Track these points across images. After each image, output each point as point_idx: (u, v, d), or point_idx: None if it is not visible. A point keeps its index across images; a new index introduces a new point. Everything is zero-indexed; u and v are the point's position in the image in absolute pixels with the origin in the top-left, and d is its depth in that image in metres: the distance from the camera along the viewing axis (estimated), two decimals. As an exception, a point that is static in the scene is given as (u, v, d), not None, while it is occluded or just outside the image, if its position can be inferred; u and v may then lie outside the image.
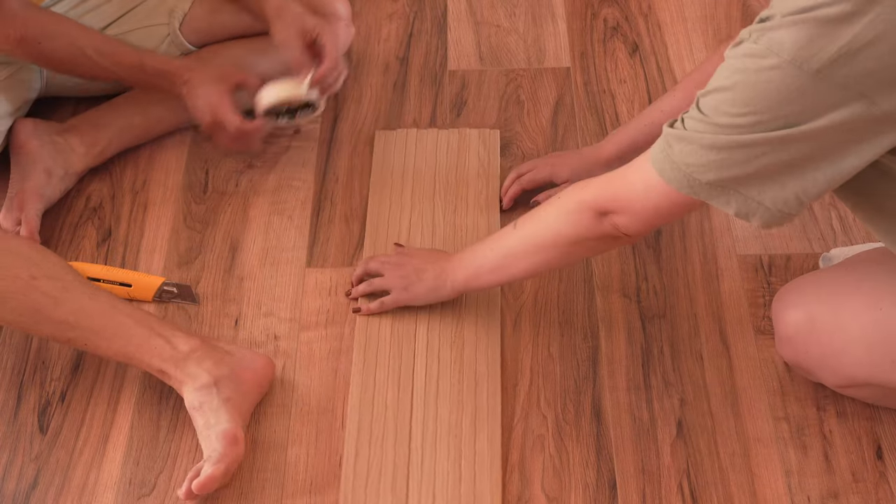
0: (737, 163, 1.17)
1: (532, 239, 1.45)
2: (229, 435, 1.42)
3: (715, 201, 1.21)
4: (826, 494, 1.43)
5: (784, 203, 1.19)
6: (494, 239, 1.52)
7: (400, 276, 1.60)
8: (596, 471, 1.46)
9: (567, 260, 1.48)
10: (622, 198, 1.31)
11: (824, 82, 1.10)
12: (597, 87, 1.98)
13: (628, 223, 1.33)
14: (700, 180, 1.20)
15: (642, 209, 1.30)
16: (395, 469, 1.45)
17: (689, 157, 1.20)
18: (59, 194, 1.78)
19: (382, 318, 1.61)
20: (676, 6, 2.13)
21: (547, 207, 1.44)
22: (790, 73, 1.11)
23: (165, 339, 1.47)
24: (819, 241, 1.71)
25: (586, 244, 1.41)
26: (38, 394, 1.57)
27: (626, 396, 1.54)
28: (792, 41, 1.10)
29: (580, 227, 1.38)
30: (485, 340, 1.58)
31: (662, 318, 1.62)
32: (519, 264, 1.48)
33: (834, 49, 1.09)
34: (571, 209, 1.38)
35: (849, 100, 1.11)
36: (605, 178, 1.36)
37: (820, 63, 1.10)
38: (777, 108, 1.13)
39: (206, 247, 1.74)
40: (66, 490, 1.46)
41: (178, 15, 1.84)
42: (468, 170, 1.82)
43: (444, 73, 2.02)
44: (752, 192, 1.19)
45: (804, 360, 1.45)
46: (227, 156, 1.85)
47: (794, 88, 1.12)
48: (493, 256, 1.50)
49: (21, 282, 1.42)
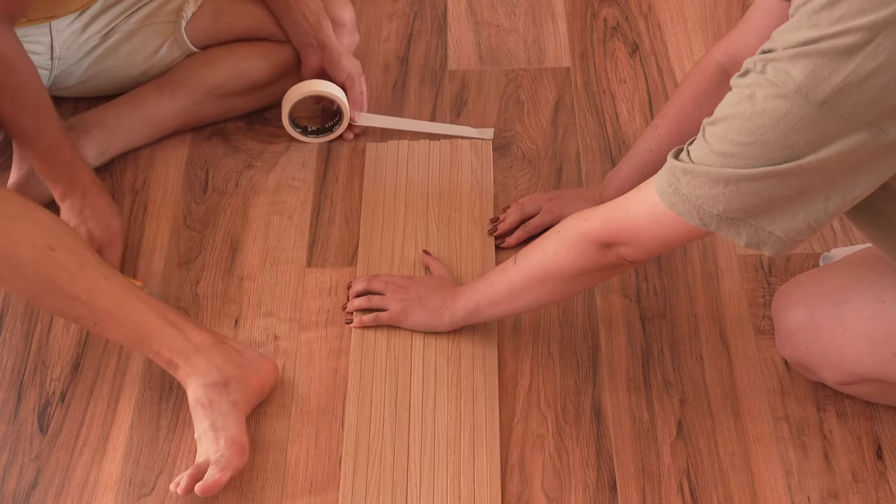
0: (746, 195, 1.17)
1: (535, 272, 1.43)
2: (239, 443, 1.42)
3: (725, 232, 1.20)
4: (826, 494, 1.43)
5: (796, 232, 1.19)
6: (495, 273, 1.51)
7: (401, 298, 1.59)
8: (596, 471, 1.46)
9: (571, 291, 1.46)
10: (628, 230, 1.30)
11: (830, 112, 1.10)
12: (597, 87, 1.98)
13: (635, 254, 1.32)
14: (710, 212, 1.19)
15: (650, 240, 1.29)
16: (394, 488, 1.44)
17: (698, 189, 1.19)
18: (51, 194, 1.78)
19: (378, 332, 1.60)
20: (676, 6, 2.13)
21: (548, 240, 1.42)
22: (797, 102, 1.10)
23: (178, 329, 1.46)
24: (819, 240, 1.71)
25: (591, 275, 1.40)
26: (38, 394, 1.57)
27: (626, 396, 1.54)
28: (797, 71, 1.10)
29: (585, 260, 1.36)
30: (482, 356, 1.57)
31: (662, 318, 1.62)
32: (522, 298, 1.47)
33: (838, 79, 1.08)
34: (574, 242, 1.37)
35: (855, 129, 1.11)
36: (606, 210, 1.34)
37: (825, 94, 1.09)
38: (784, 138, 1.12)
39: (206, 247, 1.74)
40: (66, 490, 1.46)
41: (186, 15, 1.84)
42: (461, 181, 1.81)
43: (444, 73, 2.02)
44: (763, 223, 1.19)
45: (805, 357, 1.45)
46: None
47: (801, 118, 1.11)
48: (492, 292, 1.49)
49: (38, 250, 1.40)
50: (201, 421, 1.44)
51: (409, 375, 1.55)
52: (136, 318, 1.45)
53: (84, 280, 1.43)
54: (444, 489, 1.44)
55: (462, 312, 1.54)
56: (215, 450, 1.42)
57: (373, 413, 1.52)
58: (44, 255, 1.40)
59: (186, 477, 1.40)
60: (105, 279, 1.44)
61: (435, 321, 1.57)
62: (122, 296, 1.45)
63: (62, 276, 1.41)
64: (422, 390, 1.54)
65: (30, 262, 1.39)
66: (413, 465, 1.46)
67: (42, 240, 1.40)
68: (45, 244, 1.40)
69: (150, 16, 1.84)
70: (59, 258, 1.41)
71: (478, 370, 1.55)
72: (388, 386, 1.54)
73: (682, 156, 1.21)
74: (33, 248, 1.40)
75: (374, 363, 1.57)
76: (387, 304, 1.60)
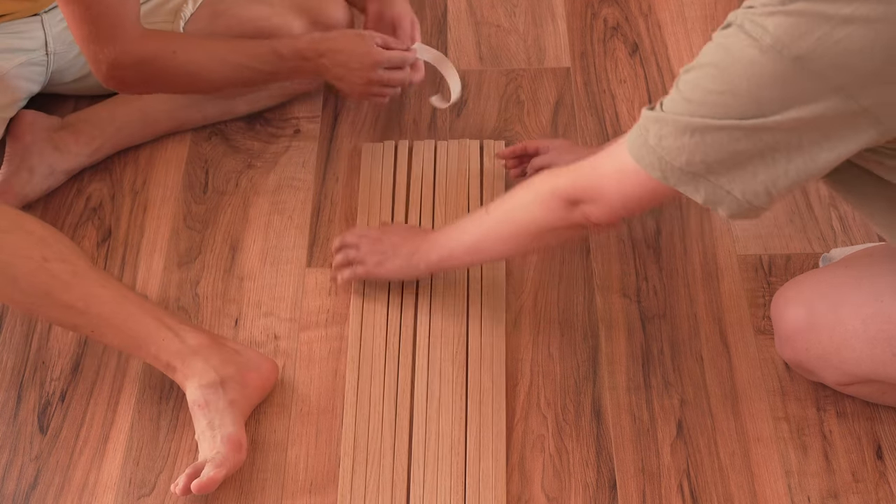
0: (709, 147, 1.18)
1: (504, 225, 1.46)
2: (234, 440, 1.42)
3: (684, 188, 1.22)
4: (826, 494, 1.43)
5: (754, 195, 1.20)
6: (468, 221, 1.53)
7: (375, 251, 1.61)
8: (596, 471, 1.46)
9: (538, 245, 1.52)
10: (594, 186, 1.32)
11: (802, 70, 1.12)
12: (597, 87, 1.98)
13: (600, 212, 1.33)
14: (672, 164, 1.21)
15: (613, 196, 1.31)
16: (395, 487, 1.44)
17: (664, 139, 1.21)
18: (40, 192, 1.78)
19: (377, 330, 1.60)
20: (676, 6, 2.13)
21: (520, 193, 1.44)
22: (771, 56, 1.13)
23: (174, 333, 1.47)
24: (819, 241, 1.71)
25: (557, 232, 1.43)
26: (38, 394, 1.57)
27: (626, 396, 1.54)
28: (774, 26, 1.12)
29: (552, 216, 1.39)
30: (489, 357, 1.57)
31: (662, 318, 1.62)
32: (492, 248, 1.50)
33: (814, 38, 1.10)
34: (543, 197, 1.39)
35: (826, 92, 1.12)
36: (578, 166, 1.37)
37: (799, 50, 1.11)
38: (754, 91, 1.15)
39: (206, 247, 1.74)
40: (66, 490, 1.47)
41: (184, 15, 1.84)
42: (458, 182, 1.80)
43: (444, 73, 2.02)
44: (722, 181, 1.20)
45: (805, 358, 1.45)
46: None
47: (773, 73, 1.13)
48: (466, 239, 1.52)
49: (33, 262, 1.41)
50: (199, 421, 1.45)
51: (412, 374, 1.55)
52: (132, 324, 1.45)
53: (79, 288, 1.43)
54: (447, 490, 1.43)
55: (436, 258, 1.56)
56: (212, 448, 1.42)
57: (371, 412, 1.51)
58: (38, 266, 1.41)
59: (184, 477, 1.40)
60: (100, 286, 1.45)
61: (410, 269, 1.59)
62: (118, 302, 1.46)
63: (57, 286, 1.42)
64: (426, 389, 1.54)
65: (25, 276, 1.41)
66: (416, 465, 1.46)
67: (36, 251, 1.41)
68: (39, 255, 1.41)
69: (148, 15, 1.84)
70: (52, 269, 1.42)
71: (485, 370, 1.55)
72: (387, 385, 1.54)
73: (655, 107, 1.24)
74: (28, 260, 1.41)
75: (372, 363, 1.57)
76: (362, 257, 1.61)
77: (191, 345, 1.47)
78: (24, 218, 1.46)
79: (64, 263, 1.43)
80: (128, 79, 1.66)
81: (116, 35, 1.59)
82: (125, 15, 1.60)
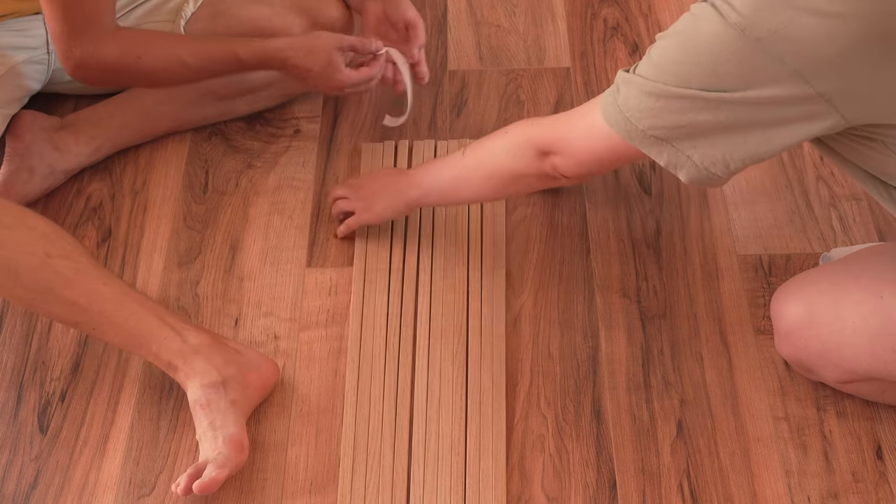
0: (672, 113, 1.23)
1: (479, 168, 1.52)
2: (236, 441, 1.42)
3: (647, 150, 1.28)
4: (826, 494, 1.43)
5: (711, 162, 1.25)
6: (445, 162, 1.60)
7: (361, 197, 1.68)
8: (596, 471, 1.46)
9: (511, 191, 1.57)
10: (564, 138, 1.38)
11: (762, 52, 1.16)
12: (597, 88, 1.98)
13: (567, 166, 1.40)
14: (637, 126, 1.26)
15: (580, 151, 1.36)
16: (395, 487, 1.44)
17: (631, 100, 1.26)
18: (40, 192, 1.78)
19: (377, 329, 1.60)
20: (676, 6, 2.13)
21: (496, 138, 1.51)
22: (734, 34, 1.17)
23: (176, 332, 1.47)
24: (819, 241, 1.71)
25: (528, 180, 1.49)
26: (38, 394, 1.57)
27: (626, 396, 1.54)
28: (742, 4, 1.17)
29: (524, 163, 1.45)
30: (489, 357, 1.57)
31: (662, 318, 1.62)
32: (467, 190, 1.57)
33: (777, 21, 1.15)
34: (518, 144, 1.46)
35: (784, 76, 1.17)
36: (553, 118, 1.45)
37: (761, 32, 1.16)
38: (714, 65, 1.19)
39: (206, 247, 1.74)
40: (66, 490, 1.46)
41: (185, 14, 1.84)
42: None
43: (444, 73, 2.02)
44: (684, 146, 1.25)
45: (804, 356, 1.45)
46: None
47: (734, 50, 1.18)
48: (443, 179, 1.59)
49: (36, 259, 1.41)
50: (200, 421, 1.45)
51: (412, 374, 1.55)
52: (134, 322, 1.45)
53: (81, 285, 1.43)
54: (447, 490, 1.43)
55: (416, 195, 1.62)
56: (213, 448, 1.42)
57: (371, 412, 1.51)
58: (41, 262, 1.41)
59: (185, 477, 1.40)
60: (103, 284, 1.45)
61: (397, 207, 1.65)
62: (120, 300, 1.45)
63: (59, 282, 1.42)
64: (426, 389, 1.53)
65: (27, 271, 1.41)
66: (416, 465, 1.46)
67: (39, 247, 1.42)
68: (42, 252, 1.41)
69: (148, 14, 1.84)
70: (55, 265, 1.42)
71: (485, 370, 1.55)
72: (387, 385, 1.54)
73: (630, 69, 1.28)
74: (31, 256, 1.41)
75: (372, 363, 1.57)
76: (352, 206, 1.68)
77: (192, 344, 1.47)
78: (28, 214, 1.46)
79: (67, 260, 1.43)
80: (93, 78, 1.70)
81: (87, 35, 1.63)
82: (97, 17, 1.63)
